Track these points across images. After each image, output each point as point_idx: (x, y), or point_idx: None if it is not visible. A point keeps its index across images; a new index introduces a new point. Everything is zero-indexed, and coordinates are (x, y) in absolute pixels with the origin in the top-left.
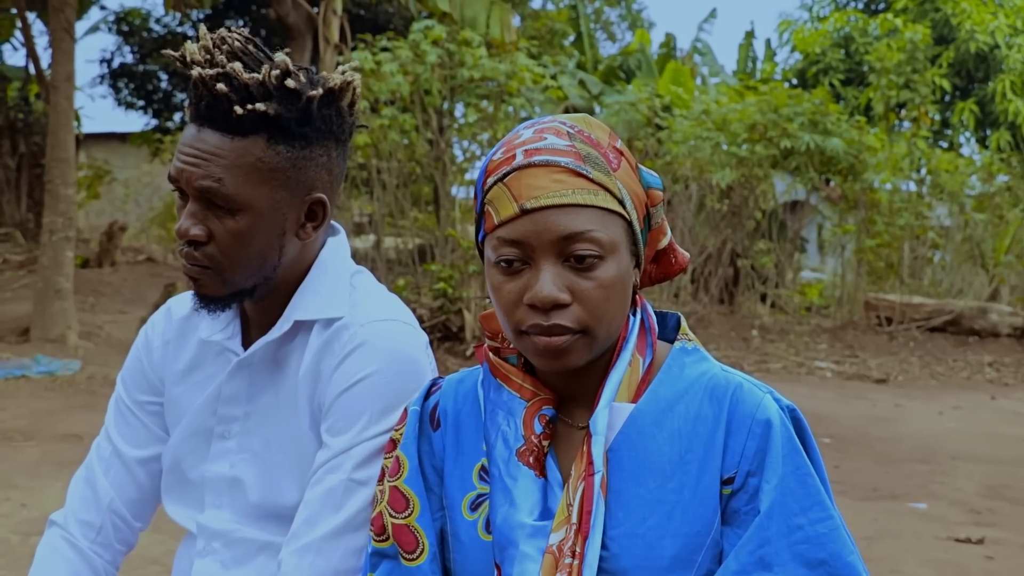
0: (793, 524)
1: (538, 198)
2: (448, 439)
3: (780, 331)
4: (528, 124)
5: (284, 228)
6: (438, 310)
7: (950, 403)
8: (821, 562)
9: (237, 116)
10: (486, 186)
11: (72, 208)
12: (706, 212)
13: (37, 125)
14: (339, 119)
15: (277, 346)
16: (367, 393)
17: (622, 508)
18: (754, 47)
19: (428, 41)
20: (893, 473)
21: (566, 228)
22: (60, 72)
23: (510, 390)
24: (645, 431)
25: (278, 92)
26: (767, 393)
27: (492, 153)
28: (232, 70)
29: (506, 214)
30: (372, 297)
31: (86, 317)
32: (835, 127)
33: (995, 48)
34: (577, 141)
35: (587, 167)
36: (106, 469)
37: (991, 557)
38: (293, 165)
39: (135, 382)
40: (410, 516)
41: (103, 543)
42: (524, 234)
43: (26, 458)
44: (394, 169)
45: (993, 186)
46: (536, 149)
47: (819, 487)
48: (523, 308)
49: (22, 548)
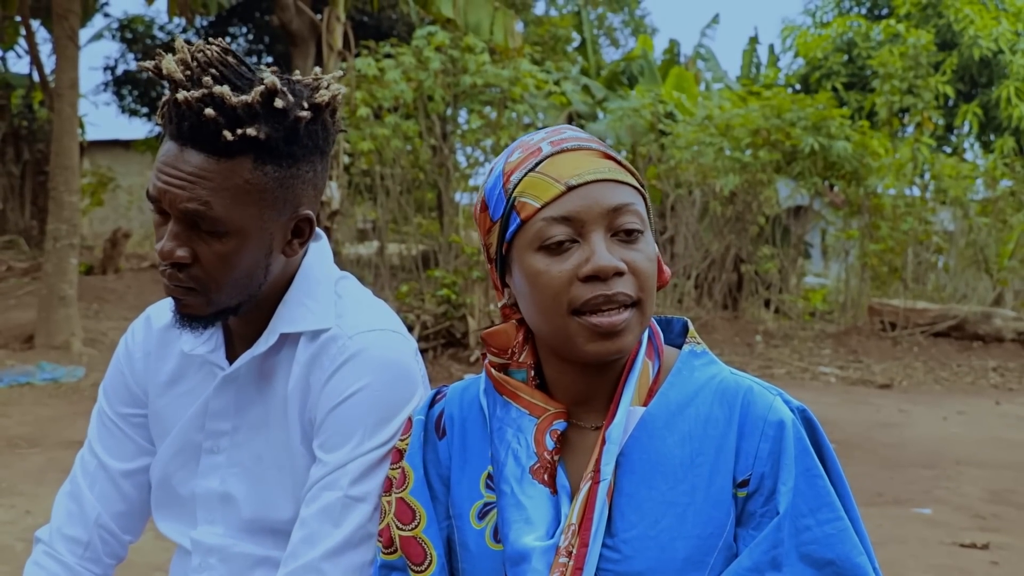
0: (801, 525)
1: (581, 175)
2: (455, 448)
3: (784, 336)
4: (534, 132)
5: (271, 247)
6: (442, 316)
7: (954, 408)
8: (828, 562)
9: (225, 140)
10: (511, 183)
11: (76, 215)
12: (709, 217)
13: (41, 132)
14: (324, 133)
15: (263, 359)
16: (360, 407)
17: (635, 511)
18: (757, 52)
19: (431, 47)
20: (897, 478)
21: (612, 200)
22: (64, 79)
23: (519, 407)
24: (656, 434)
25: (266, 112)
26: (777, 395)
27: (502, 160)
28: (220, 93)
29: (550, 195)
30: (359, 305)
31: (90, 324)
32: (838, 132)
33: (998, 54)
34: (592, 138)
35: (612, 152)
36: (91, 483)
37: (996, 562)
38: (280, 185)
39: (117, 394)
40: (417, 528)
41: (91, 558)
42: (574, 209)
43: (31, 465)
44: (397, 175)
45: (997, 191)
46: (562, 139)
47: (828, 488)
48: (578, 285)
49: (26, 555)
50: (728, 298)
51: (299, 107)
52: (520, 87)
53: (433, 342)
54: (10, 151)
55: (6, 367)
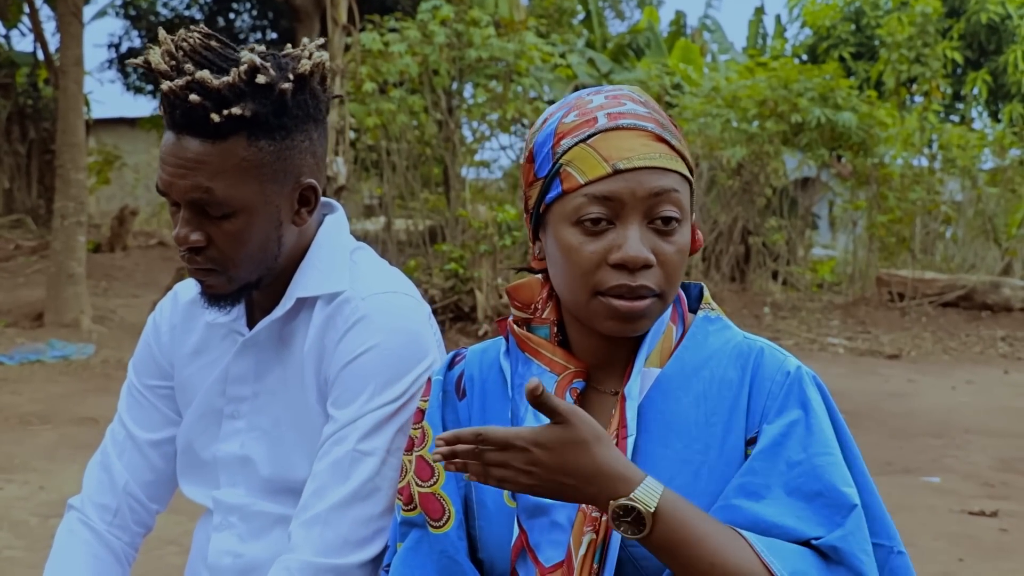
0: (792, 461)
1: (630, 159)
2: (475, 409)
3: (792, 308)
4: (592, 91)
5: (280, 219)
6: (449, 290)
7: (963, 378)
8: (817, 493)
9: (215, 123)
10: (561, 147)
11: (83, 193)
12: (717, 190)
13: (46, 111)
14: (314, 101)
15: (282, 324)
16: (370, 365)
17: (649, 469)
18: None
19: (436, 21)
20: (907, 448)
21: (657, 186)
22: (69, 56)
23: (540, 364)
24: (671, 394)
25: (250, 90)
26: (788, 357)
27: (558, 117)
28: (202, 78)
29: (595, 174)
30: (373, 271)
31: (99, 301)
32: (846, 102)
33: (1006, 19)
34: (652, 109)
35: (667, 134)
36: (120, 453)
37: (1005, 529)
38: (277, 157)
39: (145, 367)
40: (435, 484)
41: (120, 525)
42: (616, 191)
43: (43, 441)
44: (403, 150)
45: (1006, 159)
46: (620, 113)
47: (829, 434)
48: (606, 269)
49: (41, 530)
50: (736, 270)
51: (284, 79)
52: (525, 60)
53: (441, 316)
54: (16, 130)
55: (16, 345)
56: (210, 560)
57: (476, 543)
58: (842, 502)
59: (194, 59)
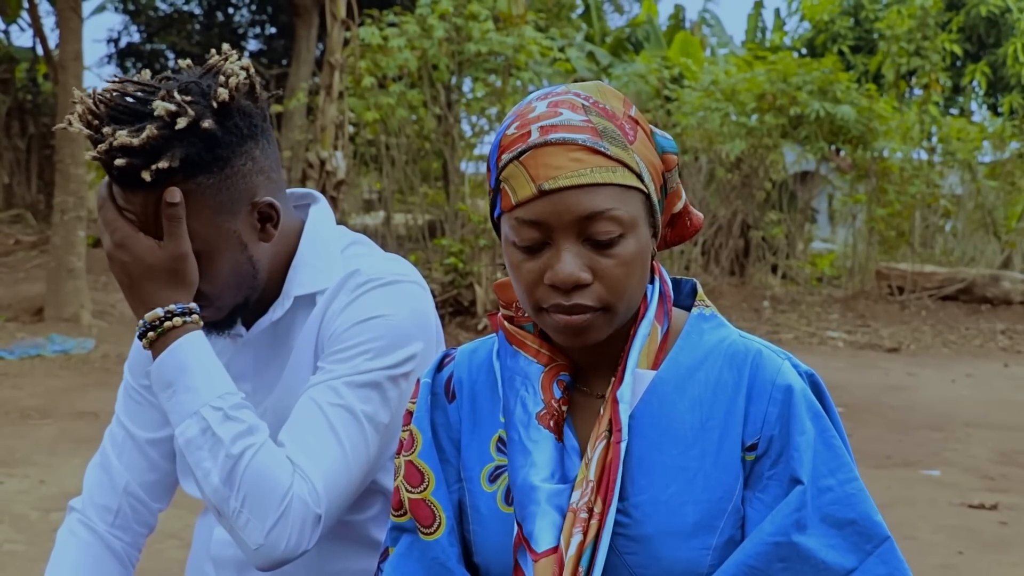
0: (823, 486)
1: (556, 179)
2: (464, 411)
3: (791, 302)
4: (541, 94)
5: (243, 243)
6: (449, 285)
7: (963, 371)
8: (850, 522)
9: (147, 180)
10: (501, 162)
11: (83, 187)
12: (716, 183)
13: (46, 106)
14: (247, 119)
15: (278, 321)
16: (370, 330)
17: (644, 475)
18: (763, 16)
19: (435, 15)
20: (906, 441)
21: (586, 208)
22: (68, 51)
23: (527, 356)
24: (666, 398)
25: (175, 134)
26: (786, 359)
27: (505, 126)
28: (121, 143)
29: (524, 194)
30: (379, 255)
31: (99, 296)
32: (845, 95)
33: (1006, 12)
34: (593, 115)
35: (604, 143)
36: (120, 453)
37: (1004, 523)
38: (221, 189)
39: (142, 369)
40: (425, 490)
41: (121, 526)
42: (543, 215)
43: (43, 436)
44: (403, 145)
45: (1006, 152)
46: (552, 126)
47: (843, 449)
48: (543, 287)
49: (42, 524)
50: (735, 264)
51: (207, 113)
52: (524, 54)
53: (441, 311)
54: (15, 125)
55: (17, 340)
56: (213, 552)
57: (471, 547)
58: (875, 532)
59: (112, 116)
